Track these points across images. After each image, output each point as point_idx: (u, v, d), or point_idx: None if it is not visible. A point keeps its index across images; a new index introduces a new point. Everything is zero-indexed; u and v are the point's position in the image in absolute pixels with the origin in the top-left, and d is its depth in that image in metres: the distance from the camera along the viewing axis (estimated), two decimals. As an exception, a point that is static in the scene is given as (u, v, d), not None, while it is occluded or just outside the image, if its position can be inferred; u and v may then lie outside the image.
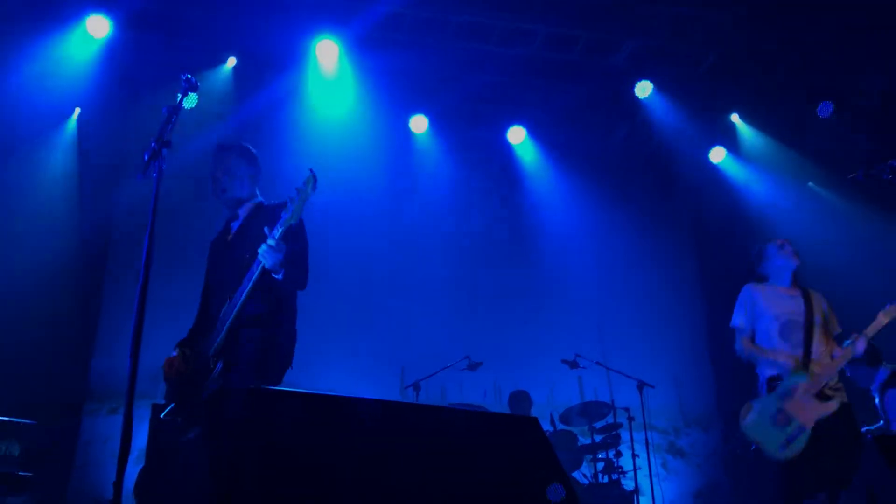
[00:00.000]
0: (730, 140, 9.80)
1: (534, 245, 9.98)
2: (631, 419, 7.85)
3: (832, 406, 4.78)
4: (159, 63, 8.16)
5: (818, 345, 5.04)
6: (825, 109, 8.57)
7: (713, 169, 9.95)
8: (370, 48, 8.44)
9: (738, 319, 5.27)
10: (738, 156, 9.84)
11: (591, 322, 9.25)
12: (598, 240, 9.95)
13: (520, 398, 8.10)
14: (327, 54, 8.28)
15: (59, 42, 7.86)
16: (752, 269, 5.47)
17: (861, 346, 4.88)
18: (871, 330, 4.89)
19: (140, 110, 8.22)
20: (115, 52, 8.14)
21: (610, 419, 7.90)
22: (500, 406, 8.64)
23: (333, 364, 8.78)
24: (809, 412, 4.76)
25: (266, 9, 7.92)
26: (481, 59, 8.66)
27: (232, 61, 8.50)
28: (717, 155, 9.90)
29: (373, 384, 8.79)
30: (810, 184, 9.65)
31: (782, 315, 5.12)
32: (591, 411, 7.90)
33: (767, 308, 5.18)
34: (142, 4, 7.70)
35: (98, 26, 7.75)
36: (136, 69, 8.43)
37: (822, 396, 4.82)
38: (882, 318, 4.88)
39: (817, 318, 5.12)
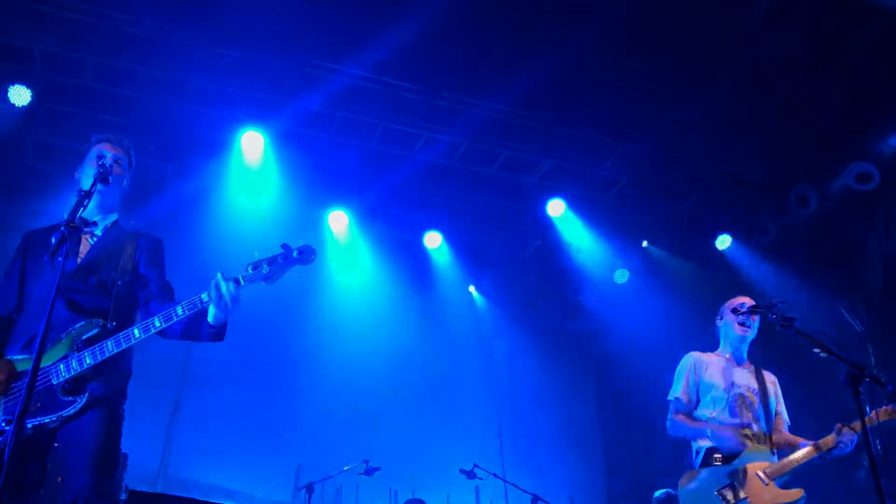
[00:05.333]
0: (636, 263, 10.07)
1: (440, 353, 10.01)
2: (525, 535, 7.76)
3: (795, 495, 4.12)
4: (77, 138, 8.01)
5: (777, 425, 4.53)
6: None
7: (618, 290, 10.19)
8: (295, 143, 8.52)
9: (678, 392, 4.57)
10: (643, 279, 10.08)
11: (492, 434, 9.24)
12: (504, 351, 10.06)
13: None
14: (252, 145, 8.29)
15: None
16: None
17: (851, 442, 4.12)
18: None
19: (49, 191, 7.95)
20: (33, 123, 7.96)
21: (504, 533, 7.82)
22: (395, 513, 8.47)
23: (227, 456, 8.51)
24: (765, 494, 4.09)
25: (195, 98, 7.94)
26: (404, 163, 8.84)
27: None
28: (622, 276, 10.07)
29: (266, 481, 8.53)
30: None
31: (734, 388, 4.50)
32: (485, 524, 7.81)
33: (714, 379, 4.53)
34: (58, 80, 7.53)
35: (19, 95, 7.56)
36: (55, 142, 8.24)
37: (783, 483, 4.18)
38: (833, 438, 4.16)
39: (772, 399, 4.57)
